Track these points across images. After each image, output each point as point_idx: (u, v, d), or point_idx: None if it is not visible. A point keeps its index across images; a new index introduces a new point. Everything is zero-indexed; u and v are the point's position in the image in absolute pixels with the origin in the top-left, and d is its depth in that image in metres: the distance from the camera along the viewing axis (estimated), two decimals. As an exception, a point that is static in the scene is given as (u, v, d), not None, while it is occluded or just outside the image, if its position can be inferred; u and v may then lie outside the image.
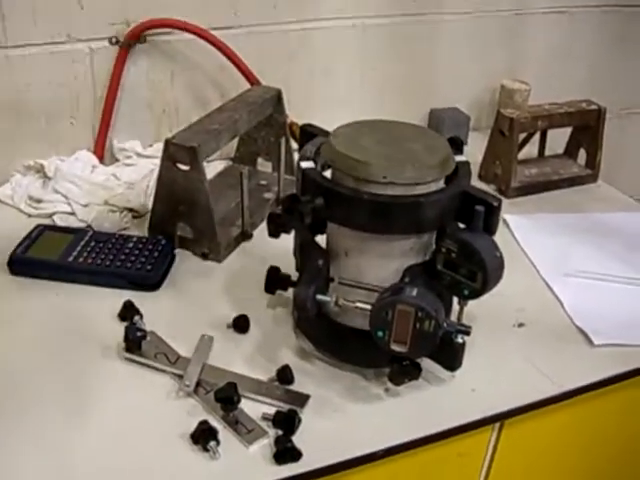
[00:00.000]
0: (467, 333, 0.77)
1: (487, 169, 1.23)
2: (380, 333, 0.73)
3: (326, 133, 0.84)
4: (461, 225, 0.77)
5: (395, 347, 0.73)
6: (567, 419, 0.90)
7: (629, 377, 0.88)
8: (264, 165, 1.21)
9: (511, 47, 1.38)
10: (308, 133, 0.87)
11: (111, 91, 1.16)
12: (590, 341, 0.90)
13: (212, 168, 1.20)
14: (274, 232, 0.83)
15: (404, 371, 0.77)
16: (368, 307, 0.75)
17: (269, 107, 1.12)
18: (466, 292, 0.75)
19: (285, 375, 0.81)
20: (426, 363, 0.80)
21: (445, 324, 0.74)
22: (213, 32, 1.16)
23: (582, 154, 1.30)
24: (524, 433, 0.88)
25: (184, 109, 1.21)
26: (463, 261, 0.74)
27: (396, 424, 0.77)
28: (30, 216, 1.09)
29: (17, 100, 1.12)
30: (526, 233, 1.12)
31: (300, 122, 1.18)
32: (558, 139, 1.32)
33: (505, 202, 1.18)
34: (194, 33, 1.13)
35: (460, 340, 0.77)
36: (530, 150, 1.30)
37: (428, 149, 0.77)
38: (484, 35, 1.36)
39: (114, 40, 1.14)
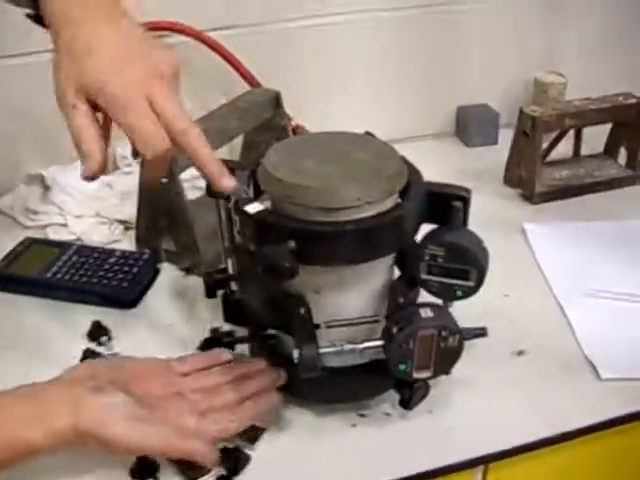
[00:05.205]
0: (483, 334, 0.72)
1: (512, 172, 1.12)
2: (402, 366, 0.68)
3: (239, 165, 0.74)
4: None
5: (418, 375, 0.68)
6: (564, 463, 0.79)
7: (636, 419, 0.76)
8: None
9: (548, 36, 1.25)
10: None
11: (110, 96, 1.12)
12: (598, 374, 0.79)
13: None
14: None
15: (416, 392, 0.73)
16: (378, 343, 0.69)
17: (268, 110, 1.05)
18: (459, 293, 0.69)
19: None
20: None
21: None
22: (212, 33, 1.09)
23: (623, 153, 1.16)
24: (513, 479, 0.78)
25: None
26: (452, 263, 0.67)
27: (360, 467, 0.70)
28: (26, 227, 1.07)
29: (19, 108, 1.09)
30: (546, 245, 1.00)
31: (312, 125, 1.12)
32: (602, 136, 1.19)
33: (529, 209, 1.10)
34: (189, 35, 1.08)
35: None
36: (567, 150, 1.18)
37: (378, 159, 0.69)
38: (517, 24, 1.24)
39: (110, 45, 1.10)
